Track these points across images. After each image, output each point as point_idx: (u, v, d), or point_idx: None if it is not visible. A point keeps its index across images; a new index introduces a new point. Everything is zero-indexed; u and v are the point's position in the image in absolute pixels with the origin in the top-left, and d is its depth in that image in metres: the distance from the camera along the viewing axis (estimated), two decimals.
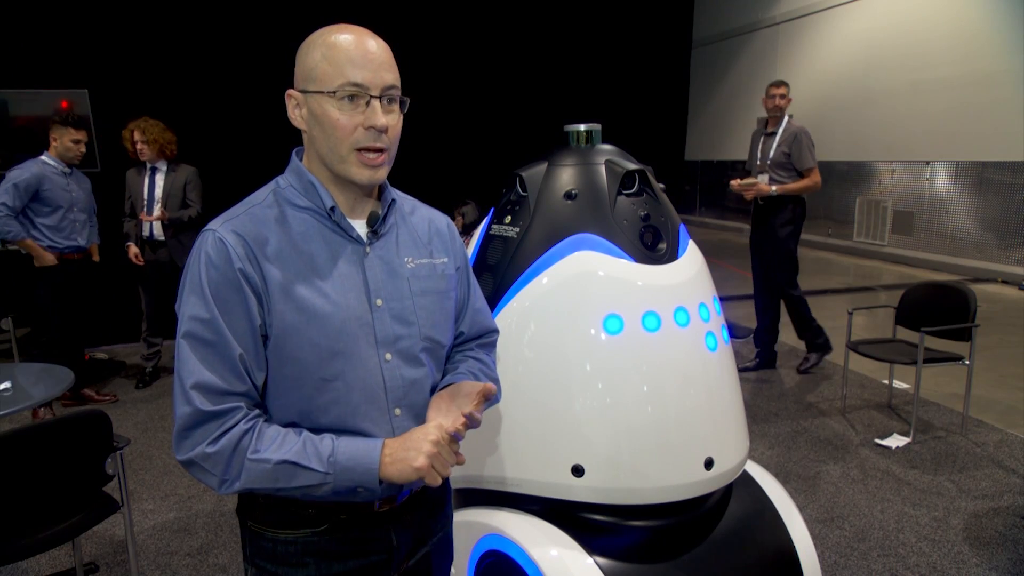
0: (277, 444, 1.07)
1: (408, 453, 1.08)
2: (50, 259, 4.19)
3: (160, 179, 4.65)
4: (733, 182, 4.87)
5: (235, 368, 1.07)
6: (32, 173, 4.07)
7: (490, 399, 1.17)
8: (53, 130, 4.19)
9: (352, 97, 1.10)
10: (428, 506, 1.30)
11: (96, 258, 4.55)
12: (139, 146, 4.53)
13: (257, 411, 1.11)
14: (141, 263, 4.67)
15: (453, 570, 1.46)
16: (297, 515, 1.16)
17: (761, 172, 4.81)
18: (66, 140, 4.17)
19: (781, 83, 4.82)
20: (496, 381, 1.36)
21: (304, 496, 1.10)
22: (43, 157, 4.19)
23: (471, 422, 1.13)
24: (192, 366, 1.06)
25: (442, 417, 1.17)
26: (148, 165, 4.63)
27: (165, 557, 2.87)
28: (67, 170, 4.24)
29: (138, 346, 5.04)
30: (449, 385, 1.24)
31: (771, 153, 4.79)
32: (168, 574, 2.75)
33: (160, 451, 3.87)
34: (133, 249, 4.67)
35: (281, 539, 1.18)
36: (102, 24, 5.76)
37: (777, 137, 4.82)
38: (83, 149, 4.26)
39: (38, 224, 4.16)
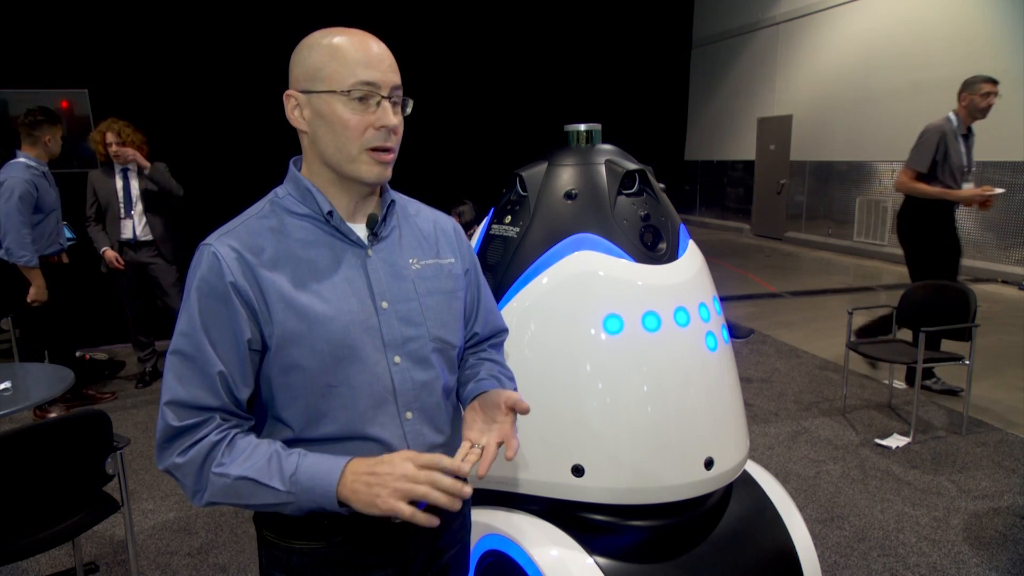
0: (243, 458, 1.05)
1: (371, 488, 1.00)
2: (43, 292, 4.03)
3: (135, 180, 4.56)
4: (980, 192, 4.23)
5: (212, 384, 1.07)
6: (27, 181, 3.90)
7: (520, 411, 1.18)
8: (42, 129, 4.00)
9: (363, 98, 1.10)
10: (447, 518, 1.28)
11: (66, 260, 4.41)
12: (114, 148, 4.40)
13: (235, 421, 1.10)
14: (121, 266, 4.58)
15: None
16: (313, 526, 1.15)
17: (967, 178, 4.35)
18: (58, 136, 4.06)
19: (997, 80, 4.25)
20: (512, 378, 1.36)
21: (276, 511, 1.08)
22: (23, 160, 3.98)
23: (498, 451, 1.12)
24: (170, 382, 1.08)
25: (476, 431, 1.17)
26: (118, 167, 4.52)
27: (165, 557, 2.87)
28: (46, 169, 4.10)
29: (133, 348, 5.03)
30: (480, 395, 1.24)
31: (972, 155, 4.42)
32: (168, 574, 2.75)
33: None
34: (111, 253, 4.55)
35: (297, 550, 1.17)
36: (102, 24, 5.76)
37: (973, 138, 4.50)
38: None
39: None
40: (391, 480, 0.99)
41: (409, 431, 1.17)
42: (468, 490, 1.01)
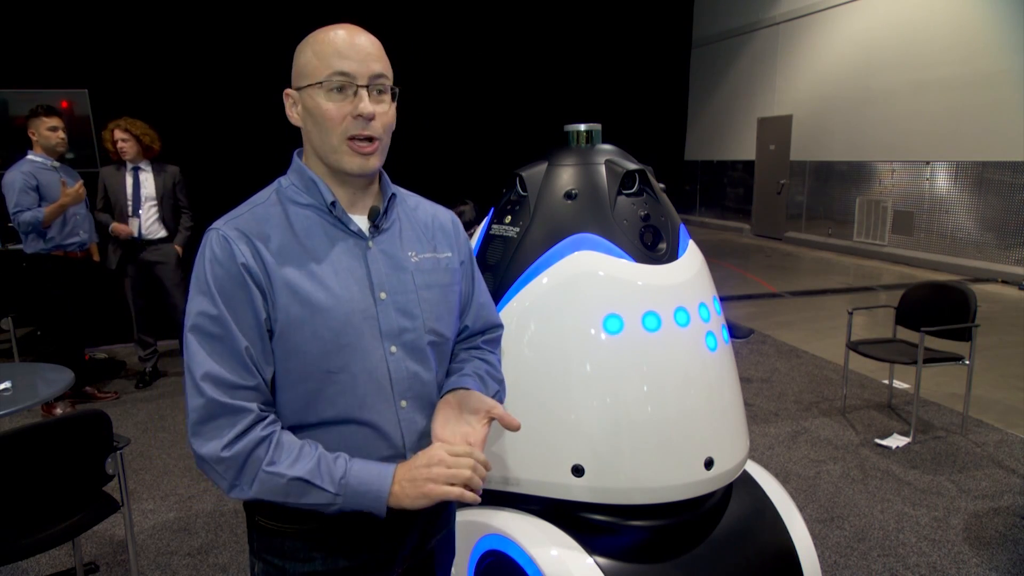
0: (293, 458, 1.08)
1: (417, 483, 1.09)
2: (71, 193, 4.07)
3: (147, 179, 4.61)
4: None
5: (243, 361, 1.09)
6: (23, 171, 4.06)
7: (494, 420, 1.21)
8: (29, 125, 4.16)
9: (341, 88, 1.13)
10: (434, 506, 1.30)
11: (96, 258, 4.56)
12: (120, 144, 4.46)
13: (272, 416, 1.12)
14: (131, 232, 4.56)
15: (453, 570, 1.46)
16: (305, 512, 1.16)
17: None
18: (43, 130, 4.14)
19: None
20: (501, 382, 1.37)
21: (308, 509, 1.11)
22: (29, 156, 4.17)
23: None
24: (201, 358, 1.08)
25: (449, 431, 1.18)
26: (129, 165, 4.57)
27: (165, 557, 2.87)
28: (56, 164, 4.22)
29: (135, 347, 5.03)
30: (456, 390, 1.25)
31: None
32: (168, 574, 2.75)
33: (160, 451, 3.87)
34: (118, 225, 4.54)
35: (289, 533, 1.19)
36: (102, 24, 5.76)
37: None
38: (62, 135, 4.19)
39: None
40: (434, 468, 1.09)
41: (404, 419, 1.20)
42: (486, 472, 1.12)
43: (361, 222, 1.21)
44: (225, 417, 1.06)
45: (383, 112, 1.16)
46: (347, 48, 1.13)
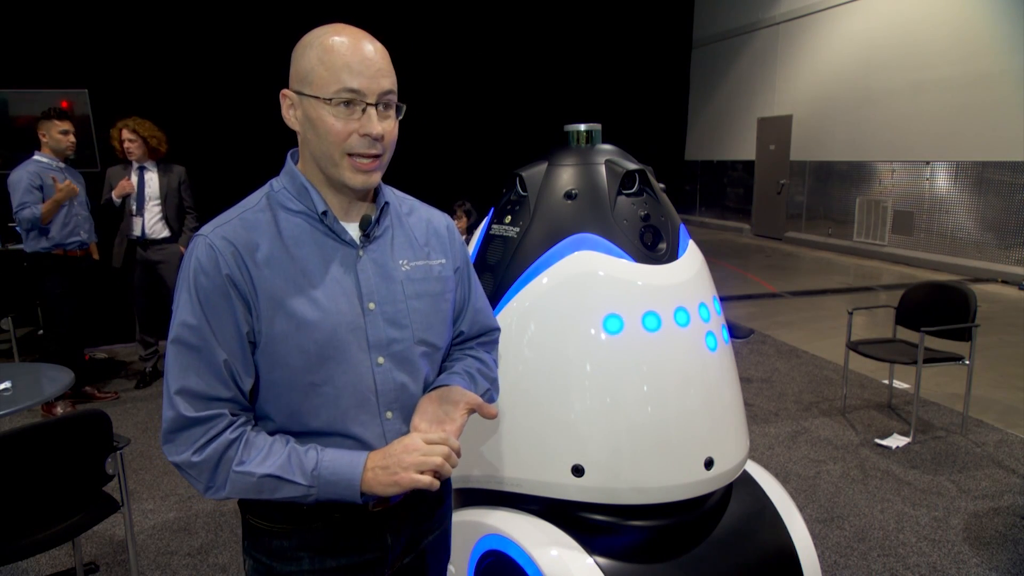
0: (262, 456, 1.08)
1: (389, 470, 1.09)
2: (63, 188, 4.07)
3: (152, 179, 4.64)
4: None
5: (219, 374, 1.08)
6: (29, 171, 4.10)
7: (474, 412, 1.21)
8: (40, 127, 4.19)
9: (348, 103, 1.10)
10: (424, 506, 1.31)
11: (96, 256, 4.56)
12: (127, 144, 4.49)
13: (245, 417, 1.12)
14: (131, 187, 4.54)
15: (453, 569, 1.46)
16: (292, 512, 1.17)
17: None
18: (54, 132, 4.17)
19: None
20: (494, 380, 1.36)
21: (293, 502, 1.12)
22: (35, 156, 4.21)
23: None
24: (177, 371, 1.08)
25: (427, 421, 1.18)
26: (135, 164, 4.60)
27: (165, 557, 2.87)
28: (61, 165, 4.25)
29: (136, 346, 5.04)
30: (440, 387, 1.24)
31: None
32: (168, 574, 2.75)
33: (160, 451, 3.87)
34: (122, 182, 4.52)
35: (277, 533, 1.19)
36: (102, 24, 5.76)
37: None
38: (72, 139, 4.23)
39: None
40: (407, 456, 1.09)
41: (389, 430, 1.19)
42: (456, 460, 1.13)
43: (353, 230, 1.19)
44: (196, 428, 1.07)
45: (389, 129, 1.14)
46: (357, 62, 1.09)
